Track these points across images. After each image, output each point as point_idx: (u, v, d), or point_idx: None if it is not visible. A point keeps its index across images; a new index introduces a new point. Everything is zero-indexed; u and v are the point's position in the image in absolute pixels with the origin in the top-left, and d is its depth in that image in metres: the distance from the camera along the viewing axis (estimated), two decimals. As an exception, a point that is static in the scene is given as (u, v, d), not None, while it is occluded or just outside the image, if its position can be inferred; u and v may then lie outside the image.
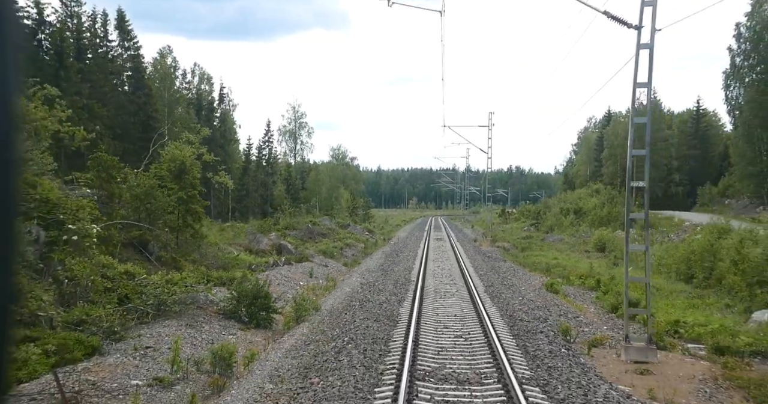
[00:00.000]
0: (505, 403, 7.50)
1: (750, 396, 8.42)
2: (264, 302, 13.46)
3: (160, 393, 8.64)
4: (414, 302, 14.40)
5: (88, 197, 15.38)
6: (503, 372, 8.65)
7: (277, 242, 27.33)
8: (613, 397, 7.97)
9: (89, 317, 11.18)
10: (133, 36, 47.05)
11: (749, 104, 48.20)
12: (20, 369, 8.52)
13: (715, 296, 18.21)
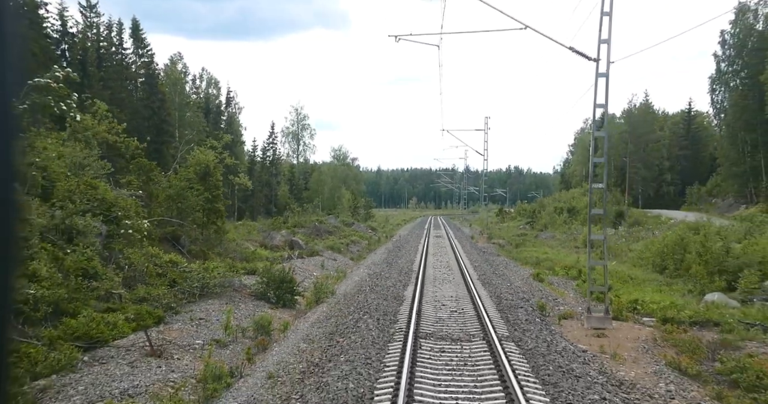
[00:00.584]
0: (486, 351, 9.93)
1: (679, 350, 10.83)
2: (289, 286, 15.90)
3: (219, 350, 11.06)
4: (416, 286, 16.83)
5: (132, 197, 17.82)
6: (487, 332, 11.08)
7: (288, 239, 29.75)
8: (569, 349, 10.41)
9: (150, 295, 13.62)
10: (147, 44, 49.47)
11: (733, 108, 50.69)
12: (112, 330, 10.95)
13: (682, 284, 20.60)
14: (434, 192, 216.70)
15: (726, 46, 51.85)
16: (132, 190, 17.94)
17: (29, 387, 8.68)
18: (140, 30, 49.13)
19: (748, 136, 49.48)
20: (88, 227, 14.21)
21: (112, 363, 9.82)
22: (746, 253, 20.34)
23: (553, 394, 7.89)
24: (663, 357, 10.38)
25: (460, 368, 9.07)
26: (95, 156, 17.16)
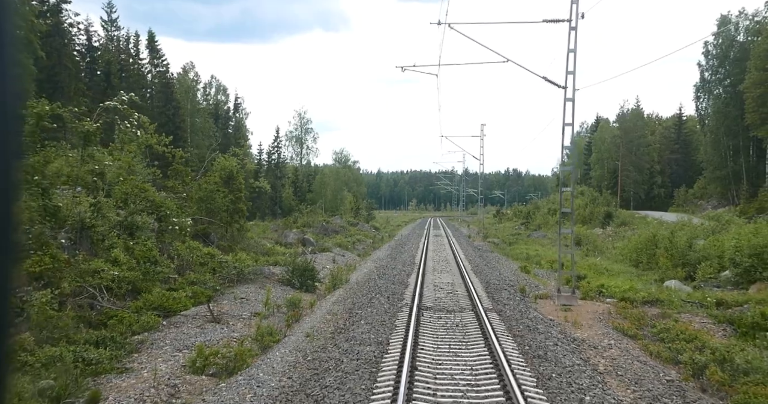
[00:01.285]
0: (473, 317, 12.81)
1: (626, 320, 13.70)
2: (310, 274, 18.78)
3: (262, 321, 13.92)
4: (418, 275, 19.71)
5: (175, 198, 20.70)
6: (475, 306, 13.97)
7: (300, 237, 32.64)
8: (539, 318, 13.30)
9: (198, 280, 16.51)
10: (162, 54, 52.46)
11: (716, 115, 53.67)
12: (178, 304, 13.84)
13: (651, 274, 23.49)
14: (434, 194, 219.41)
15: (709, 56, 54.84)
16: (176, 193, 20.82)
17: (130, 340, 11.58)
18: (155, 41, 52.14)
19: (730, 141, 52.45)
20: (145, 224, 17.12)
21: (185, 326, 12.72)
22: (707, 248, 23.24)
23: (520, 342, 10.79)
24: (612, 324, 13.26)
25: (452, 328, 11.96)
26: (143, 164, 20.04)
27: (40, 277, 12.70)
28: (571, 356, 10.24)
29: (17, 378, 9.49)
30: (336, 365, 9.43)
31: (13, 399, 1.89)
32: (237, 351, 10.77)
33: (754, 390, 8.14)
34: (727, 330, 12.53)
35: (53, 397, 9.02)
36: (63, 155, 16.64)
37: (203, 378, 10.03)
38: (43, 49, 30.98)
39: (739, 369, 9.26)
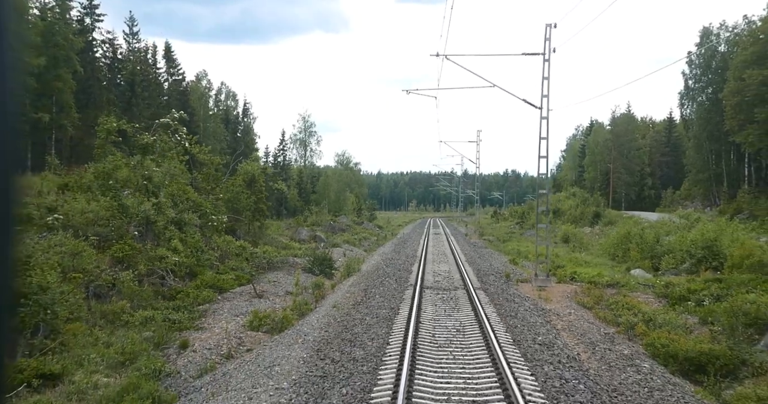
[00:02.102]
0: (464, 293, 16.17)
1: (588, 297, 17.01)
2: (328, 263, 22.15)
3: (296, 297, 17.26)
4: (420, 264, 23.05)
5: (212, 199, 24.06)
6: (467, 285, 17.31)
7: (313, 234, 35.99)
8: (517, 294, 16.65)
9: (237, 267, 19.86)
10: (178, 64, 55.78)
11: (699, 121, 57.02)
12: (227, 284, 17.18)
13: (624, 265, 26.80)
14: (433, 195, 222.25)
15: (693, 66, 58.17)
16: (211, 194, 24.19)
17: (197, 309, 14.92)
18: (172, 51, 55.48)
19: (712, 146, 55.79)
20: (191, 220, 20.47)
21: (235, 300, 16.07)
22: (672, 243, 26.57)
23: (498, 309, 14.14)
24: (576, 300, 16.61)
25: (447, 299, 15.31)
26: (183, 169, 23.37)
27: (122, 261, 16.10)
28: (536, 318, 13.59)
29: (127, 332, 12.96)
30: (361, 321, 12.78)
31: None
32: (282, 315, 14.14)
33: (658, 335, 11.47)
34: (662, 302, 15.86)
35: (155, 343, 12.43)
36: (117, 161, 19.95)
37: (260, 333, 13.39)
38: (81, 65, 34.33)
39: (657, 324, 12.61)
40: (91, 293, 14.18)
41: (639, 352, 11.24)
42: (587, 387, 8.49)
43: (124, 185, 19.69)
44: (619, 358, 10.59)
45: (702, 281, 16.51)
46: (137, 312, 13.80)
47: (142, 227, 17.72)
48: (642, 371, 9.90)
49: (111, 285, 14.89)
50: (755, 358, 10.38)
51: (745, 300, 12.19)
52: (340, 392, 8.00)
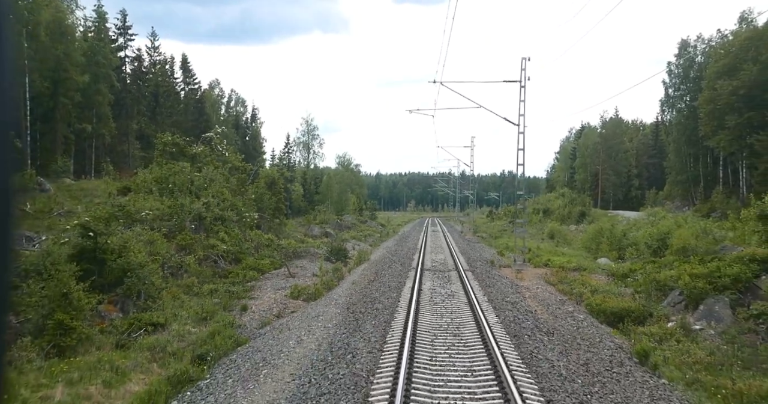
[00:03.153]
0: (457, 274, 20.43)
1: (554, 277, 21.26)
2: (343, 252, 26.37)
3: (322, 277, 21.49)
4: (420, 254, 27.30)
5: (241, 199, 28.27)
6: (458, 268, 21.57)
7: (323, 231, 40.21)
8: (498, 275, 20.92)
9: (269, 255, 24.08)
10: (194, 74, 59.99)
11: (677, 126, 61.33)
12: (265, 267, 21.39)
13: (595, 256, 31.04)
14: (431, 196, 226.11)
15: (672, 75, 62.49)
16: (242, 195, 28.42)
17: (246, 284, 19.15)
18: (188, 63, 59.68)
19: (689, 150, 60.12)
20: (230, 217, 24.69)
21: (274, 279, 20.30)
22: (637, 237, 30.83)
23: (481, 283, 18.40)
24: (544, 279, 20.86)
25: (443, 277, 19.57)
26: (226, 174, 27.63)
27: (184, 248, 20.34)
28: (509, 289, 17.86)
29: (200, 299, 17.17)
30: (377, 290, 17.04)
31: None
32: (314, 289, 18.39)
33: (595, 298, 15.73)
34: (610, 280, 20.13)
35: (223, 306, 16.68)
36: (175, 168, 24.16)
37: (299, 301, 17.62)
38: (117, 80, 38.53)
39: (598, 293, 16.86)
40: (167, 272, 18.41)
41: (580, 310, 15.50)
42: (532, 324, 12.76)
43: (178, 187, 23.92)
44: (563, 313, 14.87)
45: (641, 264, 20.77)
46: (203, 286, 18.04)
47: (195, 222, 21.93)
48: (577, 319, 14.17)
49: (179, 266, 19.14)
50: (658, 311, 14.65)
51: (661, 275, 16.47)
52: (370, 323, 12.26)
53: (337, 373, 8.93)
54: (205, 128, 57.89)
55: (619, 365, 10.36)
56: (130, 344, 13.62)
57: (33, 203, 22.78)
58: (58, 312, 13.15)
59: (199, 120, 57.66)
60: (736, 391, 9.78)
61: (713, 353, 11.98)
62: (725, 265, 14.89)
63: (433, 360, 9.36)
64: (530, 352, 10.29)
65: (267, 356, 11.24)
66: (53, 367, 11.79)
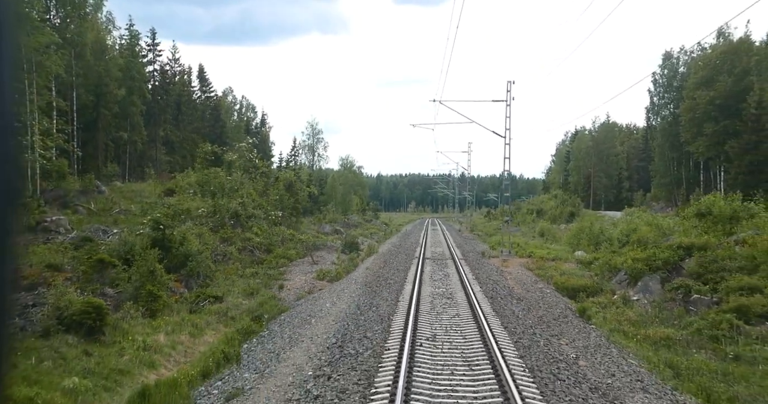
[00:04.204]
0: (452, 262, 24.67)
1: (533, 264, 25.47)
2: (355, 245, 30.59)
3: (339, 266, 25.71)
4: (422, 248, 31.52)
5: (267, 200, 32.49)
6: (454, 258, 25.81)
7: (334, 228, 44.43)
8: (486, 263, 25.17)
9: (293, 247, 28.30)
10: (210, 83, 64.22)
11: (661, 132, 65.57)
12: (293, 256, 25.61)
13: (575, 249, 35.21)
14: (431, 197, 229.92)
15: (657, 84, 66.76)
16: (270, 196, 32.65)
17: (279, 269, 23.37)
18: (204, 72, 63.93)
19: (672, 154, 64.35)
20: (258, 214, 28.92)
21: (301, 266, 24.51)
22: (612, 233, 35.00)
23: (472, 269, 22.65)
24: (525, 266, 25.07)
25: (440, 264, 23.80)
26: (248, 178, 31.84)
27: (226, 240, 24.56)
28: (494, 272, 22.09)
29: (245, 280, 21.38)
30: (387, 273, 21.27)
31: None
32: (335, 272, 22.62)
33: (562, 278, 19.93)
34: (578, 266, 24.34)
35: (264, 285, 20.91)
36: (215, 173, 28.36)
37: (324, 282, 21.84)
38: (149, 92, 42.79)
39: (565, 274, 21.07)
40: (215, 258, 22.64)
41: (548, 287, 19.73)
42: (507, 294, 16.99)
43: (217, 190, 28.16)
44: (534, 288, 19.10)
45: (603, 253, 24.99)
46: (246, 270, 22.27)
47: (233, 219, 26.14)
48: (543, 292, 18.40)
49: (224, 254, 23.36)
50: (608, 287, 18.87)
51: (614, 260, 20.70)
52: (386, 292, 16.50)
53: (367, 316, 13.16)
54: (220, 132, 62.22)
55: (564, 317, 14.59)
56: (199, 310, 17.87)
57: (96, 202, 27.02)
58: (147, 285, 17.41)
59: (215, 126, 61.90)
60: (644, 335, 14.02)
61: (641, 315, 16.20)
62: (660, 251, 19.11)
63: (432, 310, 13.59)
64: (501, 307, 14.51)
65: (311, 313, 15.47)
66: (152, 323, 16.06)
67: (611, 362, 10.60)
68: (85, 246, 21.03)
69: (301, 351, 11.12)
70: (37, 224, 22.00)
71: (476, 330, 11.52)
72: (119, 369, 12.90)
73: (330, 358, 9.87)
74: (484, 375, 8.50)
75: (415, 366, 8.83)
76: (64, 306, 14.74)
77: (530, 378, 8.48)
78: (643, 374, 10.11)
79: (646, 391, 8.99)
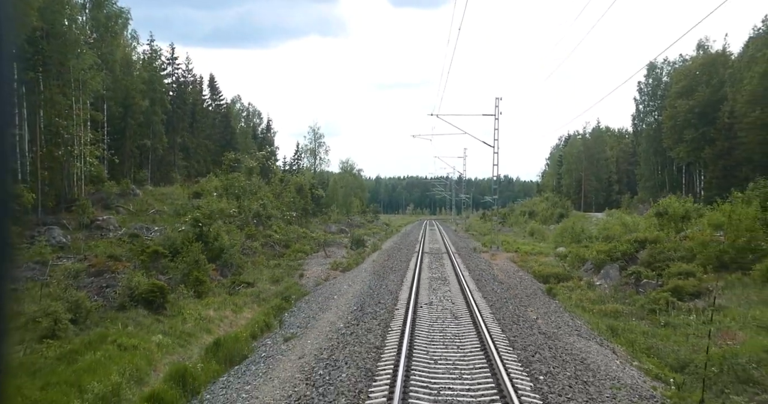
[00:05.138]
0: (447, 255, 28.43)
1: (518, 257, 29.22)
2: (362, 242, 34.31)
3: (349, 259, 29.42)
4: (421, 244, 35.26)
5: (283, 200, 36.21)
6: (449, 252, 29.57)
7: (339, 228, 48.16)
8: (477, 256, 28.97)
9: (308, 243, 32.02)
10: (220, 91, 67.92)
11: (646, 138, 69.48)
12: (308, 250, 29.33)
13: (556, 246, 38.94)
14: (429, 199, 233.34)
15: (642, 93, 70.70)
16: (284, 198, 36.36)
17: (297, 261, 27.09)
18: (215, 82, 67.65)
19: (657, 159, 68.28)
20: (276, 214, 32.65)
21: (315, 258, 28.25)
22: (591, 231, 38.78)
23: (464, 260, 26.42)
24: (511, 259, 28.83)
25: (437, 257, 27.56)
26: (265, 183, 35.52)
27: (250, 237, 28.27)
28: (483, 263, 25.84)
29: (269, 270, 25.15)
30: (392, 263, 25.01)
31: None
32: (347, 264, 26.35)
33: (540, 267, 23.66)
34: (556, 259, 28.09)
35: (287, 274, 24.64)
36: (237, 178, 32.08)
37: (338, 271, 25.56)
38: (169, 103, 46.53)
39: (543, 265, 24.82)
40: (243, 252, 26.34)
41: (526, 274, 23.48)
42: (492, 279, 20.75)
43: (240, 192, 31.88)
44: (515, 275, 22.85)
45: (576, 247, 28.76)
46: (270, 262, 25.98)
47: (256, 218, 29.85)
48: (522, 278, 22.16)
49: (250, 249, 27.07)
50: (576, 274, 22.62)
51: (583, 253, 24.47)
52: (392, 277, 20.25)
53: (378, 292, 16.89)
54: (230, 138, 65.91)
55: (534, 295, 18.34)
56: (236, 293, 21.55)
57: (133, 204, 30.72)
58: (194, 271, 21.11)
59: (225, 132, 65.58)
60: (599, 310, 17.73)
61: (600, 296, 19.94)
62: (620, 244, 22.88)
63: (430, 287, 17.34)
64: (485, 287, 18.26)
65: (332, 293, 19.18)
66: (200, 302, 19.72)
67: (561, 322, 14.34)
68: (133, 241, 24.80)
69: (331, 314, 14.84)
70: (92, 222, 25.70)
71: (463, 299, 15.26)
72: (186, 332, 16.60)
73: (355, 316, 13.59)
74: (465, 323, 12.24)
75: (417, 318, 12.56)
76: (134, 286, 18.46)
77: (497, 326, 12.21)
78: (583, 329, 13.84)
79: (580, 336, 12.72)
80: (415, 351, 9.79)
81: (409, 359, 9.12)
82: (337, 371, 8.90)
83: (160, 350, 14.44)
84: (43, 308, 15.19)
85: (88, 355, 13.26)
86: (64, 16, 28.37)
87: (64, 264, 20.16)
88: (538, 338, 11.66)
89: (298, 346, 11.79)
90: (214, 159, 60.45)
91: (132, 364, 12.64)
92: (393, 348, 9.96)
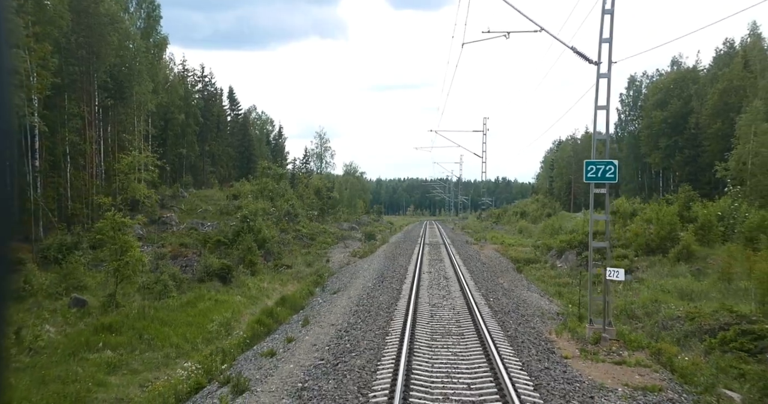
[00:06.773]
0: (444, 246, 34.93)
1: (502, 248, 35.66)
2: (373, 236, 40.77)
3: (364, 249, 35.86)
4: (422, 240, 41.72)
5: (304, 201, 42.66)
6: (445, 244, 36.05)
7: (350, 226, 54.62)
8: (468, 247, 35.47)
9: (329, 237, 38.49)
10: (238, 102, 74.40)
11: (628, 145, 75.95)
12: (330, 242, 35.79)
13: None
14: (429, 201, 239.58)
15: (623, 103, 77.25)
16: (306, 199, 42.78)
17: (322, 250, 33.57)
18: (233, 93, 74.15)
19: (637, 164, 74.77)
20: (302, 213, 39.10)
21: (336, 249, 34.76)
22: (567, 227, 45.22)
23: (458, 250, 32.95)
24: (496, 250, 35.30)
25: (436, 248, 34.07)
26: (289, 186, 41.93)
27: (283, 231, 34.78)
28: (473, 252, 32.34)
29: (302, 256, 31.75)
30: (399, 251, 31.51)
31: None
32: (363, 252, 32.85)
33: (516, 254, 30.11)
34: (531, 248, 34.55)
35: (317, 258, 31.23)
36: (269, 182, 38.56)
37: (356, 258, 32.07)
38: (202, 116, 53.03)
39: (519, 252, 31.28)
40: (280, 243, 32.81)
41: (505, 259, 29.93)
42: (477, 261, 27.25)
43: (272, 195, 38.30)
44: (496, 260, 29.34)
45: (546, 239, 35.19)
46: (301, 250, 32.45)
47: (287, 216, 36.24)
48: (501, 262, 28.64)
49: (284, 241, 33.53)
50: (543, 259, 29.09)
51: (551, 242, 30.97)
52: (401, 260, 26.77)
53: (392, 269, 23.37)
54: (248, 145, 72.36)
55: (507, 272, 24.81)
56: (279, 273, 28.00)
57: (183, 204, 37.19)
58: (248, 256, 27.57)
59: (244, 140, 72.01)
60: (556, 282, 24.17)
61: (559, 273, 26.40)
62: (577, 235, 29.31)
63: (430, 265, 23.83)
64: (471, 266, 24.72)
65: (356, 271, 25.62)
66: (255, 278, 26.16)
67: (521, 285, 20.80)
68: (191, 233, 31.26)
69: (360, 280, 21.30)
70: (159, 218, 32.17)
71: (453, 271, 21.73)
72: (252, 296, 23.04)
73: (378, 281, 20.05)
74: (453, 283, 18.70)
75: (421, 281, 19.04)
76: (209, 264, 24.91)
77: (474, 283, 18.67)
78: (534, 288, 20.30)
79: (530, 292, 19.17)
80: (420, 292, 16.26)
81: (417, 296, 15.58)
82: (376, 299, 15.38)
83: (241, 304, 20.96)
84: (155, 277, 21.78)
85: (200, 304, 19.87)
86: (132, 52, 34.88)
87: (153, 250, 26.65)
88: (499, 290, 18.13)
89: (344, 295, 18.25)
90: (235, 165, 67.09)
91: (229, 310, 19.17)
92: (407, 291, 16.44)
